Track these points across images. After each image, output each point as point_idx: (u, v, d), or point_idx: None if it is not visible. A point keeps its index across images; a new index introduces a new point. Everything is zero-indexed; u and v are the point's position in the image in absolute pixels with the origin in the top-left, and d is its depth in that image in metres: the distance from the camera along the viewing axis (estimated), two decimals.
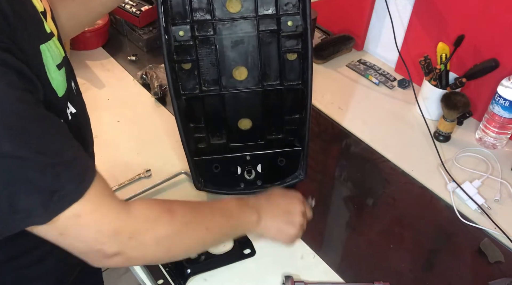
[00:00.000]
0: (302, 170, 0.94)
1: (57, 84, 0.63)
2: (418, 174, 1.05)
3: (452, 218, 0.97)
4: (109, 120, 1.14)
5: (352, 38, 1.37)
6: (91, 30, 1.32)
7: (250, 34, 0.84)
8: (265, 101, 0.90)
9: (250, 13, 0.83)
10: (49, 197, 0.53)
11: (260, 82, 0.88)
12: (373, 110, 1.22)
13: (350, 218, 0.97)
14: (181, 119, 0.86)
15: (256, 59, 0.86)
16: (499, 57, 1.06)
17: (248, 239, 0.90)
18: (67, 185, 0.54)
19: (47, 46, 0.61)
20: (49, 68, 0.61)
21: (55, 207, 0.54)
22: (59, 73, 0.63)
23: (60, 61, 0.64)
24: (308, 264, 0.87)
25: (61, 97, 0.64)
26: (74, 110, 0.70)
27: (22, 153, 0.51)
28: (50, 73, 0.61)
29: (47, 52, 0.60)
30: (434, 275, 0.88)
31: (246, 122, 0.92)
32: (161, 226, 0.62)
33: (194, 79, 0.87)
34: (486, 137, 1.11)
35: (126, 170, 1.01)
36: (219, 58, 0.86)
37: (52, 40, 0.63)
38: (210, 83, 0.88)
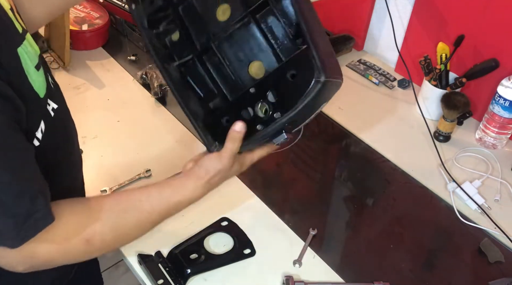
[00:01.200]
0: (319, 71, 0.71)
1: (38, 86, 0.63)
2: (418, 174, 1.05)
3: (452, 218, 0.97)
4: (109, 120, 1.14)
5: (352, 38, 1.37)
6: (91, 30, 1.32)
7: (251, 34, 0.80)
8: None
9: (241, 13, 0.76)
10: (22, 222, 0.55)
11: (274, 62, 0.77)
12: (373, 110, 1.22)
13: (350, 218, 0.97)
14: (175, 88, 0.80)
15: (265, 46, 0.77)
16: (499, 57, 1.06)
17: (248, 239, 0.90)
18: (40, 211, 0.57)
19: (23, 48, 0.60)
20: (29, 71, 0.61)
21: (28, 231, 0.56)
22: (38, 74, 0.63)
23: (37, 61, 0.63)
24: (308, 264, 0.87)
25: (43, 98, 0.64)
26: (55, 105, 0.70)
27: (1, 178, 0.53)
28: (31, 76, 0.61)
29: (24, 55, 0.60)
30: (434, 275, 0.88)
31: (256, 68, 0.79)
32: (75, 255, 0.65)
33: (215, 95, 0.82)
34: (486, 137, 1.11)
35: (126, 170, 1.01)
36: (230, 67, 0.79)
37: (26, 39, 0.62)
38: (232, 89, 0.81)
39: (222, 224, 0.92)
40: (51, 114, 0.68)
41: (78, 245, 0.63)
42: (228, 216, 0.93)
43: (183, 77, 0.82)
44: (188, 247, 0.87)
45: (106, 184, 0.97)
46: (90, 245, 0.64)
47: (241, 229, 0.91)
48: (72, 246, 0.63)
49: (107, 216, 0.66)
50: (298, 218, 0.95)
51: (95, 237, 0.64)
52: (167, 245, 0.87)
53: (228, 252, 0.87)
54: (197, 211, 0.93)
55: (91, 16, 1.36)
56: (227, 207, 0.95)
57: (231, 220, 0.92)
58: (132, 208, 0.69)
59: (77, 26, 1.32)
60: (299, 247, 0.90)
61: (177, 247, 0.87)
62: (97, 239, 0.64)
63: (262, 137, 0.72)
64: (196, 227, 0.91)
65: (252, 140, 0.74)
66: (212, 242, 0.89)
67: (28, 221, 0.56)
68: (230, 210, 0.95)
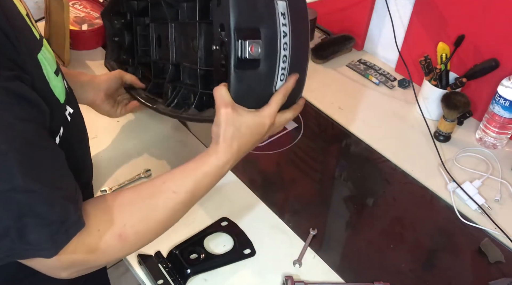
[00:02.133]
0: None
1: (58, 92, 0.63)
2: (418, 174, 1.05)
3: (452, 218, 0.97)
4: (109, 120, 1.14)
5: (352, 38, 1.37)
6: (91, 30, 1.32)
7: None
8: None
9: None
10: (56, 230, 0.55)
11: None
12: (373, 110, 1.21)
13: (350, 218, 0.97)
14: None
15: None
16: (499, 57, 1.06)
17: (248, 239, 0.90)
18: (72, 216, 0.56)
19: (43, 55, 0.60)
20: (50, 77, 0.60)
21: (62, 238, 0.56)
22: (58, 80, 0.63)
23: (56, 67, 0.63)
24: (308, 264, 0.87)
25: (63, 103, 0.64)
26: (71, 110, 0.70)
27: (33, 186, 0.52)
28: (51, 82, 0.61)
29: (44, 61, 0.60)
30: (434, 275, 0.88)
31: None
32: (112, 253, 0.63)
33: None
34: (486, 137, 1.11)
35: (126, 170, 1.01)
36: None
37: (44, 46, 0.62)
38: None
39: (222, 224, 0.92)
40: (68, 119, 0.68)
41: (112, 242, 0.61)
42: (228, 216, 0.93)
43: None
44: (188, 247, 0.87)
45: (106, 184, 0.97)
46: (123, 239, 0.62)
47: (241, 229, 0.91)
48: (107, 244, 0.61)
49: (132, 206, 0.65)
50: (298, 218, 0.95)
51: (127, 230, 0.62)
52: (167, 245, 0.87)
53: (228, 252, 0.87)
54: (197, 211, 0.93)
55: (91, 16, 1.36)
56: (227, 207, 0.95)
57: (231, 220, 0.92)
58: (157, 192, 0.66)
59: (77, 26, 1.32)
60: (299, 247, 0.89)
61: (177, 247, 0.86)
62: (130, 232, 0.63)
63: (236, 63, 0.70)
64: (196, 227, 0.91)
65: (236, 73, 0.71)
66: (212, 242, 0.89)
67: (61, 229, 0.55)
68: (230, 210, 0.95)
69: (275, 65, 0.73)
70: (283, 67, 0.74)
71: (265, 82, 0.73)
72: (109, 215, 0.62)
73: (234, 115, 0.70)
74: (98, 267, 0.65)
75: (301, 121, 1.17)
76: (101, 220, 0.62)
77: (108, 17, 1.12)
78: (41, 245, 0.55)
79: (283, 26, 0.72)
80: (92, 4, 1.40)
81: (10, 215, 0.52)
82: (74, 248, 0.58)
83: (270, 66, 0.72)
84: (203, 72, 0.86)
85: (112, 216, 0.62)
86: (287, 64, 0.74)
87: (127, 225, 0.63)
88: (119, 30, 1.12)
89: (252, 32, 0.70)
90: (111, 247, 0.62)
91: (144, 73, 1.09)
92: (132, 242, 0.64)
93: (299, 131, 1.15)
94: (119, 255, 0.65)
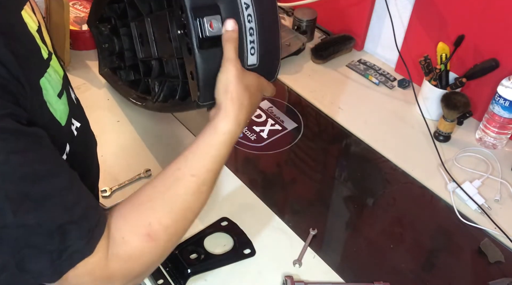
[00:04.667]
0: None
1: (60, 115, 0.61)
2: (418, 174, 1.05)
3: (452, 218, 0.97)
4: (109, 120, 1.14)
5: (352, 38, 1.37)
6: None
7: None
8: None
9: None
10: (57, 257, 0.52)
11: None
12: (373, 110, 1.22)
13: (350, 218, 0.97)
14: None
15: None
16: (499, 57, 1.06)
17: (248, 239, 0.90)
18: (75, 243, 0.53)
19: (47, 78, 0.58)
20: (51, 102, 0.59)
21: (63, 266, 0.53)
22: (60, 102, 0.61)
23: (60, 89, 0.61)
24: (308, 264, 0.87)
25: (65, 125, 0.62)
26: (78, 124, 0.68)
27: (27, 221, 0.50)
28: (52, 106, 0.59)
29: (47, 84, 0.58)
30: (434, 275, 0.88)
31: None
32: (147, 257, 0.59)
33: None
34: (486, 137, 1.11)
35: (126, 170, 1.01)
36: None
37: (50, 66, 0.60)
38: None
39: (222, 224, 0.92)
40: (74, 134, 0.66)
41: (141, 244, 0.58)
42: (228, 216, 0.93)
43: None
44: (188, 247, 0.87)
45: (106, 184, 0.97)
46: (154, 239, 0.58)
47: (241, 229, 0.91)
48: (138, 249, 0.58)
49: (152, 203, 0.61)
50: (298, 218, 0.95)
51: (154, 227, 0.59)
52: None
53: (228, 252, 0.87)
54: None
55: None
56: (227, 207, 0.95)
57: (231, 220, 0.92)
58: (174, 181, 0.63)
59: (77, 26, 1.32)
60: (299, 247, 0.89)
61: (177, 247, 0.86)
62: (158, 229, 0.59)
63: (198, 43, 0.68)
64: (196, 227, 0.91)
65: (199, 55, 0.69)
66: (212, 242, 0.89)
67: (62, 256, 0.53)
68: (230, 210, 0.95)
69: (242, 40, 0.70)
70: (252, 41, 0.71)
71: None
72: (129, 219, 0.59)
73: (241, 72, 0.68)
74: (138, 276, 0.60)
75: (301, 121, 1.17)
76: (122, 227, 0.58)
77: (94, 24, 1.12)
78: (42, 272, 0.53)
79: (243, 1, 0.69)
80: None
81: (6, 251, 0.51)
82: (107, 261, 0.56)
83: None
84: (181, 62, 0.82)
85: (133, 219, 0.59)
86: (255, 36, 0.71)
87: (153, 223, 0.59)
88: (107, 37, 1.12)
89: (210, 8, 0.67)
90: (144, 250, 0.59)
91: (136, 75, 1.09)
92: (165, 239, 0.60)
93: (299, 131, 1.15)
94: (157, 256, 0.61)
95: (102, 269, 0.56)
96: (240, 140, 1.11)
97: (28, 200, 0.50)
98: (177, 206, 0.62)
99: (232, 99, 0.67)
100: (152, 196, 0.62)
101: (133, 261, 0.58)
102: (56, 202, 0.52)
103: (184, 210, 0.63)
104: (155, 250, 0.60)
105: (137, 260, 0.58)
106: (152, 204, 0.61)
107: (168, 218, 0.61)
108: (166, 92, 0.93)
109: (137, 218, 0.59)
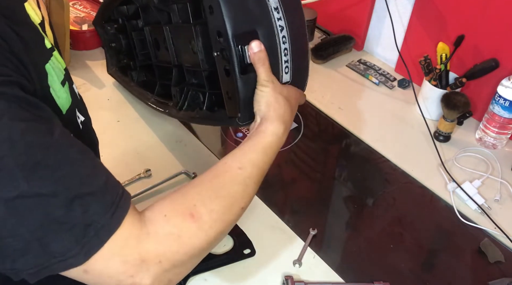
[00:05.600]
0: None
1: (62, 103, 0.61)
2: (418, 174, 1.05)
3: (452, 218, 0.97)
4: (109, 120, 1.14)
5: (352, 38, 1.37)
6: (91, 30, 1.32)
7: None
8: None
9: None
10: (82, 234, 0.48)
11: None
12: (373, 110, 1.22)
13: (350, 218, 0.97)
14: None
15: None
16: (499, 57, 1.06)
17: (248, 239, 0.90)
18: (99, 218, 0.49)
19: (51, 64, 0.58)
20: (55, 88, 0.59)
21: (92, 243, 0.49)
22: (63, 90, 0.62)
23: (63, 77, 0.62)
24: (308, 264, 0.87)
25: (65, 114, 0.62)
26: (83, 118, 0.69)
27: (41, 189, 0.46)
28: (56, 93, 0.59)
29: (51, 71, 0.58)
30: (434, 275, 0.88)
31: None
32: (188, 238, 0.55)
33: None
34: (486, 137, 1.11)
35: (126, 170, 1.01)
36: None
37: (53, 55, 0.60)
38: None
39: None
40: (80, 127, 0.66)
41: (184, 224, 0.55)
42: None
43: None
44: None
45: None
46: (197, 219, 0.56)
47: (241, 229, 0.91)
48: (178, 226, 0.55)
49: (199, 188, 0.61)
50: (298, 218, 0.95)
51: (199, 209, 0.57)
52: None
53: (228, 252, 0.87)
54: None
55: (91, 16, 1.36)
56: None
57: None
58: (222, 171, 0.64)
59: (77, 26, 1.32)
60: (299, 247, 0.90)
61: None
62: (203, 211, 0.57)
63: (239, 69, 0.71)
64: None
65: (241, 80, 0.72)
66: None
67: (88, 233, 0.48)
68: None
69: (278, 61, 0.73)
70: (286, 60, 0.75)
71: None
72: (174, 200, 0.58)
73: (279, 86, 0.73)
74: (179, 266, 0.56)
75: (301, 121, 1.17)
76: (166, 206, 0.57)
77: (100, 24, 1.12)
78: (67, 253, 0.48)
79: (278, 21, 0.72)
80: (92, 4, 1.40)
81: (25, 226, 0.46)
82: (133, 242, 0.51)
83: (274, 62, 0.73)
84: (207, 73, 0.86)
85: (178, 200, 0.58)
86: (289, 56, 0.75)
87: (198, 205, 0.58)
88: (114, 35, 1.12)
89: (250, 35, 0.70)
90: (184, 230, 0.55)
91: (149, 76, 1.09)
92: (208, 222, 0.57)
93: (299, 131, 1.15)
94: (198, 240, 0.57)
95: (133, 248, 0.51)
96: (240, 141, 1.11)
97: (40, 167, 0.47)
98: (222, 193, 0.62)
99: (274, 110, 0.72)
100: (198, 184, 0.62)
101: (171, 241, 0.54)
102: (70, 172, 0.49)
103: (230, 198, 0.62)
104: (197, 233, 0.56)
105: (176, 239, 0.54)
106: (198, 190, 0.61)
107: (213, 203, 0.60)
108: (190, 101, 0.94)
109: (182, 200, 0.59)
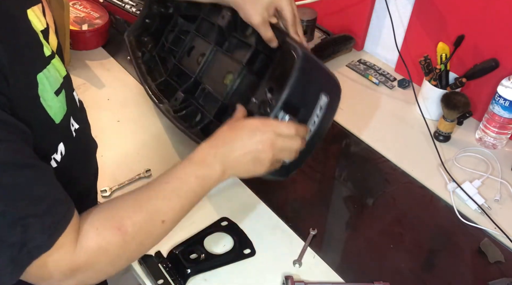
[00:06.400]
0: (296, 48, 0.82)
1: (54, 112, 0.62)
2: (418, 174, 1.05)
3: (452, 218, 0.97)
4: (109, 120, 1.14)
5: (352, 38, 1.37)
6: (91, 30, 1.32)
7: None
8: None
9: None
10: (17, 252, 0.52)
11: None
12: (373, 110, 1.22)
13: (350, 218, 0.97)
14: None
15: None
16: (499, 57, 1.06)
17: (248, 239, 0.90)
18: (36, 238, 0.53)
19: (45, 74, 0.59)
20: (46, 98, 0.59)
21: (23, 260, 0.53)
22: (57, 100, 0.62)
23: (58, 86, 0.62)
24: (308, 264, 0.87)
25: (59, 123, 0.63)
26: (77, 126, 0.69)
27: None
28: (47, 102, 0.60)
29: (44, 80, 0.59)
30: (434, 275, 0.88)
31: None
32: (113, 250, 0.61)
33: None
34: (486, 137, 1.11)
35: (126, 170, 1.01)
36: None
37: (51, 63, 0.61)
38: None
39: (222, 224, 0.92)
40: (73, 134, 0.67)
41: (113, 237, 0.60)
42: (228, 216, 0.93)
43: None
44: (188, 247, 0.87)
45: (106, 184, 0.97)
46: (124, 233, 0.61)
47: (241, 229, 0.91)
48: (106, 240, 0.60)
49: (129, 201, 0.65)
50: (298, 218, 0.95)
51: (125, 222, 0.61)
52: (167, 245, 0.87)
53: (228, 252, 0.87)
54: (197, 211, 0.93)
55: (91, 16, 1.36)
56: (227, 207, 0.95)
57: (231, 220, 0.93)
58: (151, 185, 0.67)
59: (77, 26, 1.32)
60: (299, 247, 0.90)
61: (177, 247, 0.87)
62: (128, 224, 0.61)
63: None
64: (196, 227, 0.91)
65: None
66: (212, 242, 0.89)
67: (22, 251, 0.53)
68: (230, 210, 0.95)
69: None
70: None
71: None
72: (108, 212, 0.62)
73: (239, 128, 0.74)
74: (104, 272, 0.62)
75: None
76: (99, 219, 0.61)
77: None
78: (3, 269, 0.52)
79: (316, 117, 0.82)
80: (92, 4, 1.40)
81: None
82: (76, 252, 0.57)
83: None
84: (221, 105, 0.92)
85: (111, 213, 0.62)
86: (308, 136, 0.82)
87: (125, 218, 0.62)
88: (153, 16, 1.12)
89: (295, 110, 0.78)
90: (114, 242, 0.60)
91: (157, 64, 1.10)
92: (131, 234, 0.62)
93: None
94: (123, 251, 0.62)
95: (68, 262, 0.57)
96: None
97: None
98: (146, 206, 0.65)
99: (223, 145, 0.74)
100: (128, 197, 0.66)
101: (100, 253, 0.60)
102: (23, 194, 0.53)
103: (152, 212, 0.65)
104: (122, 245, 0.61)
105: (104, 252, 0.60)
106: (128, 203, 0.65)
107: (139, 215, 0.64)
108: (188, 113, 0.98)
109: (114, 212, 0.63)
